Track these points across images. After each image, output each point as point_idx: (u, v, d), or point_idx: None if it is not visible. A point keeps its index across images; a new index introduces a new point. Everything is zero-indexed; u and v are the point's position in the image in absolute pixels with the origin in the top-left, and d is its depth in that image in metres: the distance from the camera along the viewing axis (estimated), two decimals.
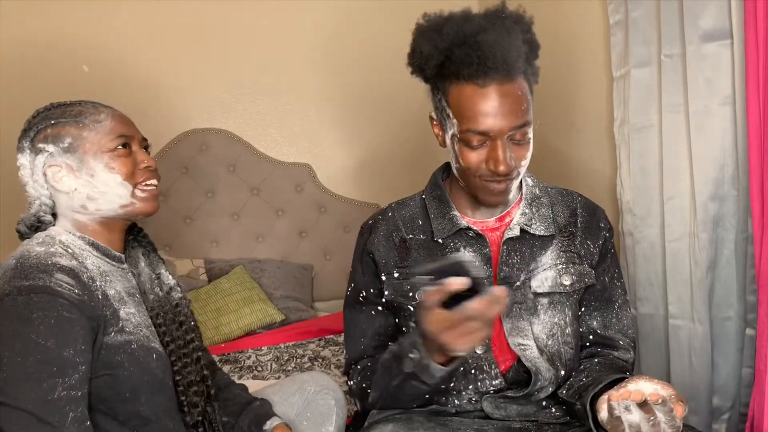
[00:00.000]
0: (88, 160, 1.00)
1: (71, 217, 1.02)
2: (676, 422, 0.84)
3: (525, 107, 1.02)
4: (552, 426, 1.10)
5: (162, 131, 2.33)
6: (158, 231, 2.34)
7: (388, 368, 1.08)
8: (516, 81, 1.02)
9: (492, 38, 1.00)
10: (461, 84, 1.02)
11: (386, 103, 2.46)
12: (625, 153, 1.62)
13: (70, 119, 1.01)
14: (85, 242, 1.01)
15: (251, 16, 2.38)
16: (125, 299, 1.00)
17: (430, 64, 1.06)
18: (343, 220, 2.52)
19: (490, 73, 0.99)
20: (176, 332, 1.08)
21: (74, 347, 0.88)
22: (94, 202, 1.01)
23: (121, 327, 0.96)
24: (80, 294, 0.91)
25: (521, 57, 1.02)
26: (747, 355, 1.40)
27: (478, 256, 1.12)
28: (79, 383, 0.88)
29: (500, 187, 1.07)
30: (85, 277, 0.94)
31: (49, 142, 0.99)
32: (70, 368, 0.87)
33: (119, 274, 1.03)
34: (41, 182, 1.01)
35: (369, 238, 1.20)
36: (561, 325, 1.12)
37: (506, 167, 1.02)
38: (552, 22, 1.99)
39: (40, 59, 2.14)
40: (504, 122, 1.01)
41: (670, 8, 1.42)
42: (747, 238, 1.37)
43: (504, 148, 1.02)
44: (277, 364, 1.79)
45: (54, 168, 1.00)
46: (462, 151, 1.06)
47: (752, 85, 1.23)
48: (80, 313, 0.90)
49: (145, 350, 0.98)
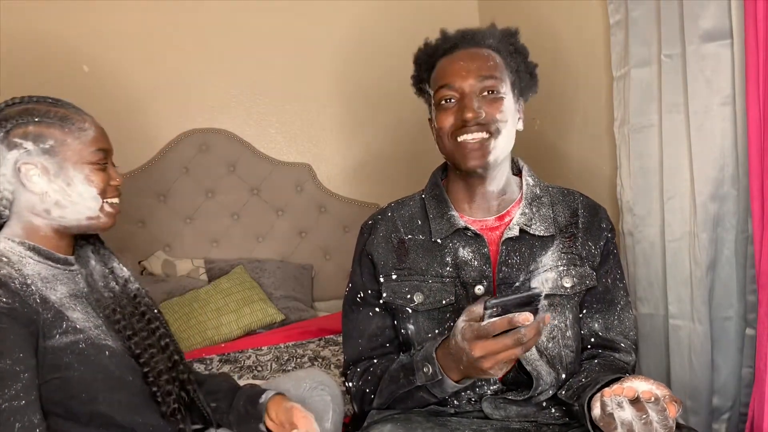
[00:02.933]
0: (67, 167, 0.99)
1: (25, 218, 1.00)
2: (668, 422, 0.84)
3: (492, 64, 1.11)
4: (551, 427, 1.10)
5: (162, 131, 2.33)
6: (158, 231, 2.34)
7: (395, 378, 1.08)
8: (485, 50, 1.13)
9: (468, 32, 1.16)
10: (437, 64, 1.15)
11: (386, 104, 2.46)
12: (625, 153, 1.61)
13: (56, 121, 0.99)
14: (26, 248, 0.98)
15: (251, 16, 2.38)
16: (70, 302, 0.98)
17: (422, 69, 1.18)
18: (343, 220, 2.52)
19: (460, 44, 1.14)
20: (138, 324, 1.06)
21: (10, 357, 0.85)
22: (60, 209, 0.99)
23: (65, 329, 0.94)
24: (9, 302, 0.89)
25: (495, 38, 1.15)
26: (747, 355, 1.40)
27: (477, 255, 1.12)
28: (23, 392, 0.86)
29: (475, 144, 1.09)
30: (17, 283, 0.92)
31: (29, 139, 0.97)
32: (9, 379, 0.85)
33: (65, 277, 1.01)
34: (9, 177, 0.97)
35: (368, 239, 1.20)
36: (561, 327, 1.11)
37: (473, 113, 1.07)
38: (552, 22, 1.99)
39: (40, 59, 2.14)
40: (470, 74, 1.09)
41: (670, 8, 1.42)
42: (747, 238, 1.36)
43: (471, 99, 1.09)
44: (277, 364, 1.78)
45: (29, 166, 0.97)
46: (439, 117, 1.12)
47: (752, 85, 1.23)
48: (12, 321, 0.87)
49: (96, 348, 0.96)
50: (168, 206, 2.36)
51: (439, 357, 1.00)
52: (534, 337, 0.88)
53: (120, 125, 2.21)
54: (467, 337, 0.91)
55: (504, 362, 0.91)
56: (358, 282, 1.20)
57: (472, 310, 0.93)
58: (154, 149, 2.32)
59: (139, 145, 2.28)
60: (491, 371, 0.91)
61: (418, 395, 1.05)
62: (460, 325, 0.93)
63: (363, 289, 1.19)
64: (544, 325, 0.89)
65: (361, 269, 1.20)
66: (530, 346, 0.90)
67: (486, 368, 0.91)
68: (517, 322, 0.87)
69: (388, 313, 1.18)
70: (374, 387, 1.13)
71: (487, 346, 0.89)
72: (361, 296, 1.19)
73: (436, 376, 0.99)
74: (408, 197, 1.25)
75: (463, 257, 1.13)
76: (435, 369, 0.99)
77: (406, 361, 1.08)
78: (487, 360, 0.90)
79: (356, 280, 1.21)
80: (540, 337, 0.90)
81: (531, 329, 0.87)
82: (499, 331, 0.88)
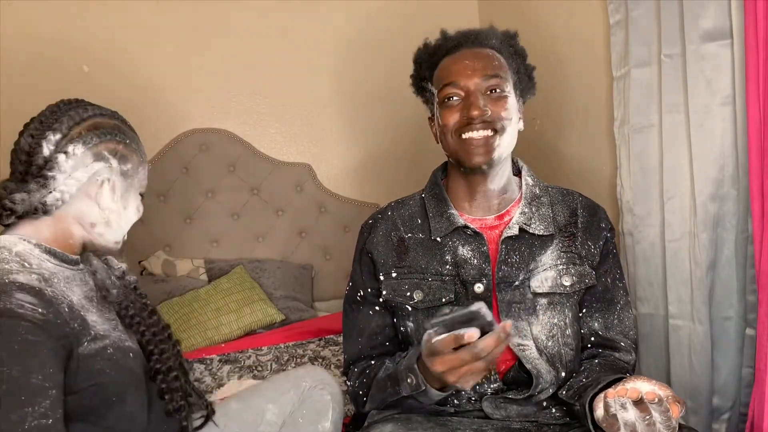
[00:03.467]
0: (131, 193, 1.03)
1: (66, 224, 0.98)
2: (671, 423, 0.84)
3: (497, 64, 1.13)
4: (552, 427, 1.10)
5: (162, 131, 2.33)
6: (158, 231, 2.34)
7: (383, 387, 1.09)
8: (488, 50, 1.15)
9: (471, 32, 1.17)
10: (440, 63, 1.16)
11: (387, 103, 2.46)
12: (625, 153, 1.61)
13: (137, 148, 1.04)
14: (42, 250, 0.95)
15: (252, 16, 2.38)
16: (86, 305, 0.96)
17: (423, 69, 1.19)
18: (343, 220, 2.52)
19: (463, 44, 1.15)
20: (148, 319, 1.06)
21: (42, 372, 0.81)
22: (106, 228, 1.02)
23: (93, 336, 0.92)
24: (44, 313, 0.84)
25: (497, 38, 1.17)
26: (747, 355, 1.40)
27: (476, 254, 1.12)
28: (50, 409, 0.81)
29: (479, 139, 1.09)
30: (49, 292, 0.88)
31: (116, 158, 0.99)
32: (39, 395, 0.80)
33: (78, 278, 0.99)
34: (81, 183, 0.96)
35: (368, 238, 1.20)
36: (561, 326, 1.12)
37: (479, 110, 1.08)
38: (552, 22, 1.99)
39: (40, 59, 2.13)
40: (475, 72, 1.10)
41: (670, 8, 1.42)
42: (747, 238, 1.36)
43: (477, 97, 1.10)
44: (277, 364, 1.78)
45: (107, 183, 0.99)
46: (443, 114, 1.13)
47: (752, 85, 1.23)
48: (46, 335, 0.83)
49: (122, 352, 0.96)
50: (168, 206, 2.36)
51: (421, 367, 1.01)
52: (495, 350, 0.87)
53: None
54: (425, 354, 0.93)
55: (470, 374, 0.90)
56: (358, 281, 1.20)
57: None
58: (154, 149, 2.32)
59: None
60: (458, 384, 0.91)
61: (407, 401, 1.06)
62: (423, 340, 0.94)
63: (363, 288, 1.19)
64: (505, 335, 0.87)
65: (361, 268, 1.20)
66: (492, 359, 0.89)
67: (451, 382, 0.91)
68: (462, 340, 0.87)
69: (388, 312, 1.18)
70: (367, 390, 1.14)
71: (446, 362, 0.90)
72: (360, 295, 1.20)
73: (419, 386, 1.00)
74: (408, 197, 1.25)
75: (463, 255, 1.13)
76: (418, 380, 1.00)
77: (392, 370, 1.08)
78: (450, 374, 0.90)
79: (356, 278, 1.21)
80: (503, 348, 0.89)
81: (489, 342, 0.86)
82: (448, 348, 0.89)
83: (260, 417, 1.19)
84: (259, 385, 1.27)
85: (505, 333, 0.87)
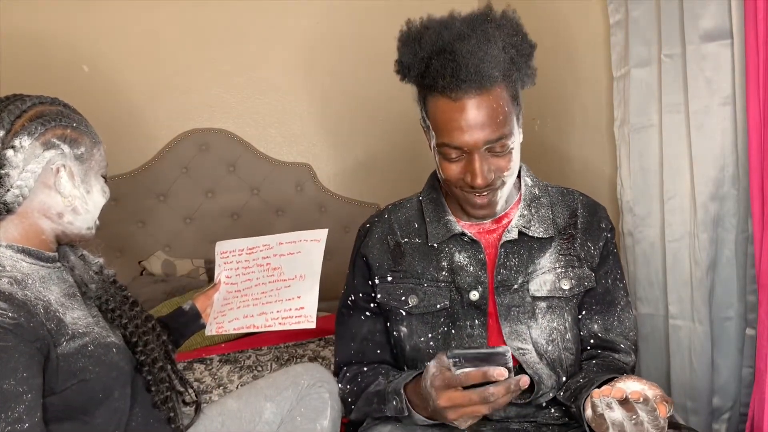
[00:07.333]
0: (91, 176, 1.01)
1: (31, 220, 0.96)
2: (659, 422, 0.83)
3: (502, 119, 0.99)
4: (551, 427, 1.10)
5: (162, 131, 2.33)
6: (158, 231, 2.34)
7: (370, 402, 1.10)
8: (492, 92, 0.98)
9: (467, 48, 0.97)
10: (437, 97, 1.00)
11: (386, 103, 2.46)
12: (625, 153, 1.61)
13: (87, 130, 1.01)
14: (14, 251, 0.93)
15: (251, 16, 2.37)
16: (66, 303, 0.95)
17: (411, 74, 1.05)
18: (343, 220, 2.52)
19: (462, 86, 0.96)
20: (130, 311, 1.05)
21: (14, 377, 0.80)
22: (74, 215, 0.99)
23: (72, 334, 0.91)
24: (15, 317, 0.83)
25: (499, 66, 0.99)
26: (747, 355, 1.40)
27: (473, 261, 1.12)
28: (26, 413, 0.81)
29: (483, 200, 1.06)
30: (21, 295, 0.87)
31: (66, 142, 0.96)
32: (12, 401, 0.79)
33: (55, 276, 0.98)
34: (36, 175, 0.94)
35: (364, 241, 1.20)
36: (561, 330, 1.11)
37: (483, 180, 1.01)
38: (552, 22, 1.99)
39: (40, 59, 2.13)
40: (478, 136, 0.98)
41: (670, 8, 1.42)
42: (747, 238, 1.36)
43: (480, 161, 1.00)
44: (277, 364, 1.79)
45: (62, 168, 0.97)
46: (442, 164, 1.05)
47: (752, 85, 1.22)
48: (17, 339, 0.82)
49: (104, 347, 0.95)
50: (168, 206, 2.36)
51: (409, 393, 1.00)
52: (503, 398, 0.86)
53: (120, 125, 2.22)
54: (435, 385, 0.90)
55: (471, 416, 0.89)
56: (351, 285, 1.20)
57: (441, 357, 0.92)
58: (154, 149, 2.32)
59: (138, 144, 2.28)
60: (455, 422, 0.90)
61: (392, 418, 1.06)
62: (431, 370, 0.92)
63: (354, 293, 1.19)
64: (516, 389, 0.86)
65: (355, 272, 1.20)
66: (498, 406, 0.87)
67: (450, 419, 0.90)
68: (491, 377, 0.85)
69: (380, 318, 1.18)
70: (356, 399, 1.15)
71: (454, 398, 0.88)
72: (352, 299, 1.20)
73: (403, 412, 1.00)
74: (405, 199, 1.24)
75: (459, 262, 1.12)
76: (402, 405, 1.00)
77: (381, 388, 1.08)
78: (452, 411, 0.89)
79: (350, 283, 1.21)
80: (510, 398, 0.87)
81: (500, 389, 0.85)
82: (471, 383, 0.86)
83: (258, 416, 1.19)
84: (257, 383, 1.26)
85: (518, 387, 0.85)
